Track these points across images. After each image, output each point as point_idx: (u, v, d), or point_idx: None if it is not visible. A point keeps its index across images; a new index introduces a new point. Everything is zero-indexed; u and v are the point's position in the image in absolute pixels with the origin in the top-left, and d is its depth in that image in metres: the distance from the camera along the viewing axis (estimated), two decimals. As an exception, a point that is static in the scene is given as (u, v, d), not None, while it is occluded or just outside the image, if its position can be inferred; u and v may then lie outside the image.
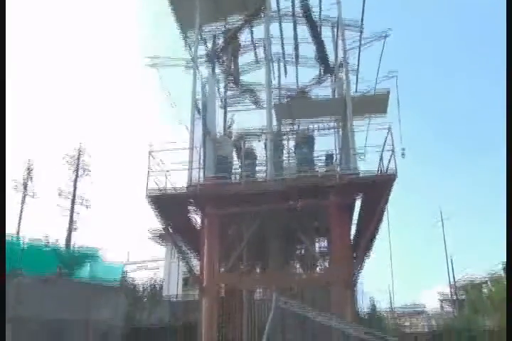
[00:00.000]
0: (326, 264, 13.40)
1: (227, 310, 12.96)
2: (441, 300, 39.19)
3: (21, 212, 28.92)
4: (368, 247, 13.82)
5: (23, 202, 28.83)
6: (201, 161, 14.48)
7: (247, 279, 13.26)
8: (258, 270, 13.96)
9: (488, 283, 37.69)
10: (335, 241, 13.15)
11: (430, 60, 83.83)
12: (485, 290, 33.08)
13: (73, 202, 28.12)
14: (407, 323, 31.18)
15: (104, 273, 22.89)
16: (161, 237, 29.40)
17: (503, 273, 41.34)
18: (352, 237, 14.50)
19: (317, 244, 15.05)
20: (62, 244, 25.27)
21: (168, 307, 22.17)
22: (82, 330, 20.73)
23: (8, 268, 16.16)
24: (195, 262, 15.47)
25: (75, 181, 28.53)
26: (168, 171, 14.28)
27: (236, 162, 16.44)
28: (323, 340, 12.63)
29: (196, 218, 14.75)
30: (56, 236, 26.13)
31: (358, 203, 14.59)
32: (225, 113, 18.91)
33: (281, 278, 13.68)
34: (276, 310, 11.85)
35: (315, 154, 15.64)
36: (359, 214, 14.65)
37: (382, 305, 30.85)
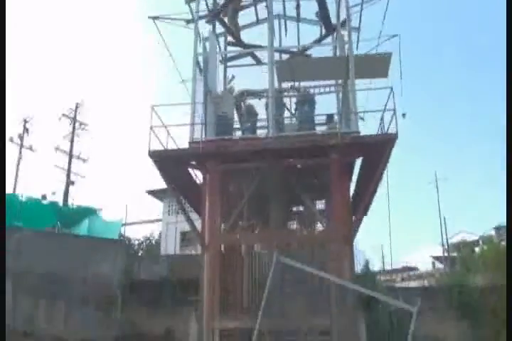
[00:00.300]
0: (325, 222, 13.64)
1: (228, 266, 13.27)
2: (433, 258, 40.08)
3: (18, 165, 29.01)
4: (366, 206, 14.07)
5: (19, 155, 28.87)
6: (203, 118, 14.55)
7: (248, 236, 13.55)
8: (258, 227, 14.20)
9: (480, 242, 38.48)
10: (335, 199, 13.38)
11: (433, 20, 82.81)
12: (477, 249, 33.78)
13: (70, 156, 28.20)
14: (398, 280, 31.99)
15: (102, 230, 23.25)
16: (159, 194, 29.65)
17: (494, 234, 42.20)
18: (351, 196, 14.71)
19: (316, 203, 15.26)
20: (59, 198, 25.46)
21: (166, 263, 22.58)
22: (80, 283, 21.19)
23: (6, 223, 16.39)
24: (196, 219, 15.73)
25: (73, 134, 28.49)
26: (168, 127, 14.35)
27: (237, 120, 16.51)
28: (321, 296, 13.01)
29: (198, 175, 14.90)
30: (53, 191, 26.29)
31: (357, 163, 14.79)
32: (225, 69, 18.81)
33: (281, 236, 13.99)
34: (276, 267, 12.16)
35: (315, 115, 15.71)
36: (359, 174, 14.85)
37: (375, 263, 31.56)
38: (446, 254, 35.48)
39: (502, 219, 42.63)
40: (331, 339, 12.50)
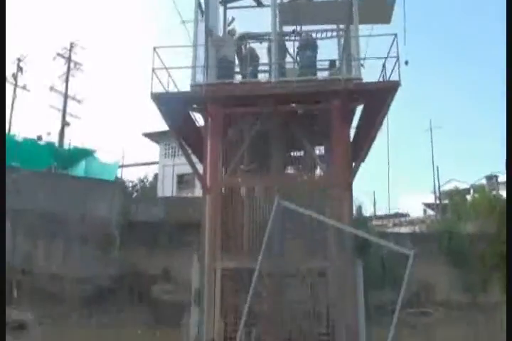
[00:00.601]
0: (325, 168, 13.87)
1: (229, 209, 13.56)
2: (425, 205, 40.80)
3: (12, 105, 28.84)
4: (365, 153, 14.27)
5: (13, 94, 28.63)
6: (204, 61, 14.49)
7: (249, 180, 13.77)
8: (259, 172, 14.42)
9: (471, 191, 39.14)
10: (335, 145, 13.56)
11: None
12: (468, 197, 34.39)
13: (65, 97, 28.02)
14: (390, 226, 32.67)
15: (99, 171, 23.45)
16: (156, 137, 29.68)
17: (485, 183, 42.88)
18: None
19: (316, 149, 15.43)
20: (55, 140, 25.49)
21: (163, 205, 22.95)
22: (78, 223, 21.58)
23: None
24: (195, 162, 15.88)
25: (67, 74, 28.18)
26: (169, 70, 14.30)
27: (238, 64, 16.40)
28: (320, 239, 13.40)
29: (199, 119, 14.97)
30: (49, 132, 26.25)
31: (357, 110, 14.87)
32: (225, 12, 18.48)
33: (281, 180, 14.24)
34: (277, 210, 12.47)
35: (317, 61, 15.62)
36: (359, 121, 14.96)
37: (367, 208, 32.14)
38: (437, 202, 36.09)
39: (493, 169, 43.26)
40: (329, 281, 12.99)
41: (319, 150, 15.77)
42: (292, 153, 15.97)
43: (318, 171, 14.66)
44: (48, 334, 17.54)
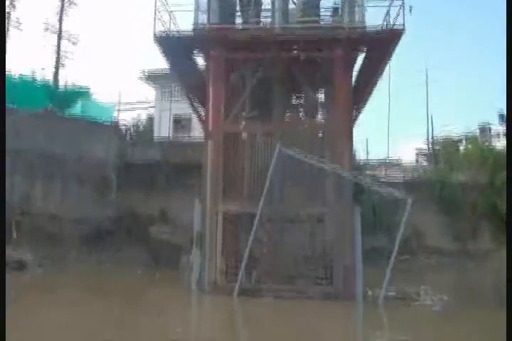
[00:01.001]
0: (326, 115, 14.00)
1: (230, 154, 13.75)
2: (418, 155, 41.06)
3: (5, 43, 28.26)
4: (365, 100, 14.38)
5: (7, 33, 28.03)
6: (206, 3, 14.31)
7: (251, 126, 13.89)
8: (260, 118, 14.51)
9: (463, 141, 39.39)
10: (337, 92, 13.63)
11: None
12: (461, 147, 34.70)
13: (59, 37, 27.52)
14: (382, 173, 32.96)
15: (95, 112, 23.34)
16: (152, 79, 29.40)
17: (478, 134, 43.10)
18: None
19: (318, 96, 15.50)
20: (49, 80, 25.18)
21: (160, 148, 23.07)
22: (76, 164, 21.73)
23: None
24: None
25: (61, 12, 27.53)
26: (172, 12, 14.17)
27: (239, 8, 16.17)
28: (320, 186, 13.70)
29: (201, 63, 14.92)
30: (43, 73, 25.87)
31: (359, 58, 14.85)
32: None
33: (283, 126, 14.40)
34: (278, 157, 12.69)
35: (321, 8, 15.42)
36: (360, 69, 14.97)
37: (360, 155, 32.36)
38: (430, 151, 36.37)
39: (486, 120, 43.42)
40: (327, 226, 13.40)
41: (320, 98, 15.83)
42: (294, 100, 16.03)
43: (318, 118, 14.77)
44: (48, 273, 17.95)
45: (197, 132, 24.95)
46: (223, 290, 12.33)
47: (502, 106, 32.07)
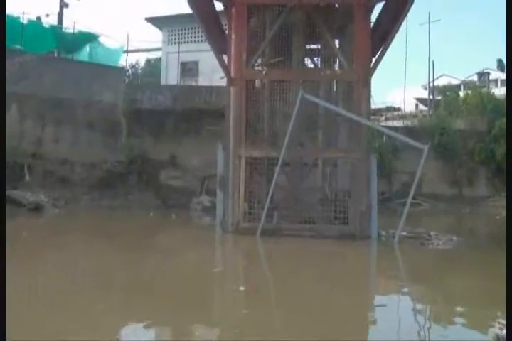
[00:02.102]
0: (344, 63, 14.37)
1: (252, 101, 14.19)
2: (417, 100, 41.60)
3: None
4: (384, 50, 14.70)
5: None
6: None
7: (272, 72, 14.25)
8: (281, 65, 14.86)
9: (461, 87, 39.92)
10: (357, 40, 13.96)
11: None
12: (461, 94, 35.19)
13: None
14: (382, 120, 33.55)
15: (103, 57, 23.45)
16: (159, 22, 29.12)
17: (476, 79, 43.57)
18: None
19: (338, 44, 15.78)
20: (56, 24, 25.06)
21: (169, 93, 23.31)
22: (85, 109, 22.05)
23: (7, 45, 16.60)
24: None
25: None
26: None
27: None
28: (339, 131, 14.31)
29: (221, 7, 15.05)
30: (47, 13, 25.69)
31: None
32: None
33: (303, 73, 14.83)
34: (300, 103, 13.21)
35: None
36: (378, 17, 15.24)
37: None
38: (430, 97, 36.83)
39: (485, 66, 43.75)
40: (345, 171, 14.11)
41: (339, 46, 16.12)
42: (313, 48, 16.34)
43: (337, 66, 15.17)
44: (62, 215, 18.59)
45: (204, 76, 25.22)
46: (245, 230, 13.06)
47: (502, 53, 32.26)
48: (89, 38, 23.48)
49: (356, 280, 8.86)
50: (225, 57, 14.62)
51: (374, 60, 14.68)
